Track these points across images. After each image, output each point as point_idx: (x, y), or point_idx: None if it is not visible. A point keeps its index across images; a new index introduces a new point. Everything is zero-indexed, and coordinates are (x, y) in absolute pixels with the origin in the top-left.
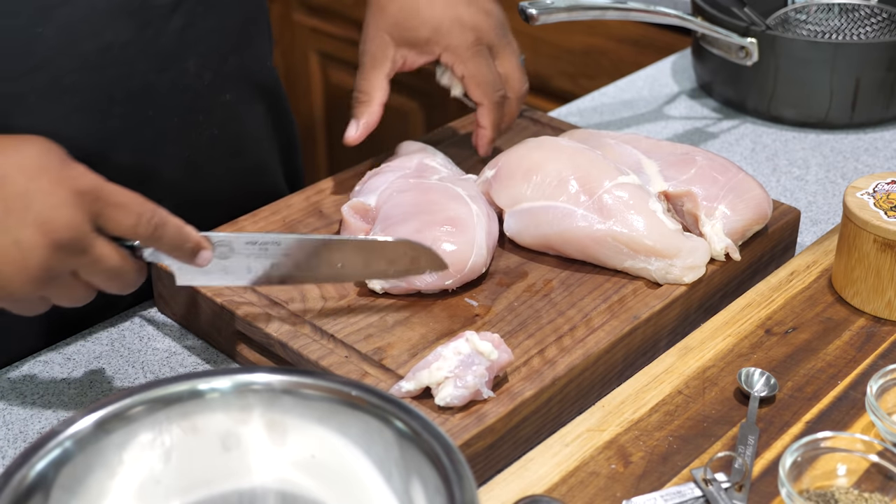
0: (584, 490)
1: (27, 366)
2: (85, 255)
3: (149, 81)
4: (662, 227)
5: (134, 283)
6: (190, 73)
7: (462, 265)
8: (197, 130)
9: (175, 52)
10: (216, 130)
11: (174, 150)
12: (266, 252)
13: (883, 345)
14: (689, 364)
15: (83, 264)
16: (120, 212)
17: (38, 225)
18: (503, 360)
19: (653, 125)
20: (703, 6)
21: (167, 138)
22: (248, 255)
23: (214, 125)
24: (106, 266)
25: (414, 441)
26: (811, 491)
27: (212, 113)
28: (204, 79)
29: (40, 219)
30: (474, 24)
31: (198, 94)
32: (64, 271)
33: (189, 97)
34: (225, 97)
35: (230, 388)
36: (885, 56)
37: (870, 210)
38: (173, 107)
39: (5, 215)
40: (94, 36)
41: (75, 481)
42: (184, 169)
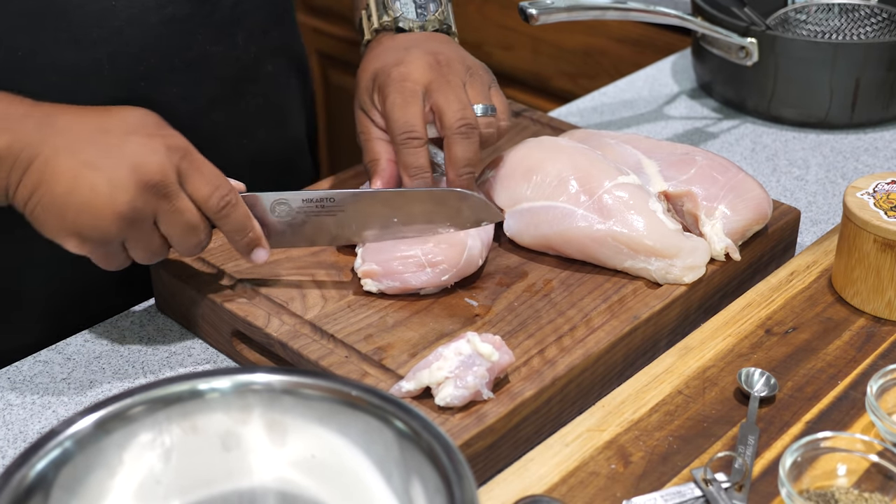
0: (584, 490)
1: (27, 366)
2: (168, 202)
3: (205, 52)
4: (662, 227)
5: (204, 245)
6: (239, 45)
7: (457, 259)
8: (245, 99)
9: (227, 25)
10: (261, 99)
11: (225, 116)
12: (323, 209)
13: (883, 345)
14: (689, 364)
15: (165, 211)
16: (201, 177)
17: (132, 167)
18: (504, 362)
19: (653, 125)
20: (703, 6)
21: (219, 105)
22: (308, 213)
23: (259, 94)
24: (185, 219)
25: (414, 441)
26: (811, 491)
27: (257, 82)
28: (250, 51)
29: (134, 163)
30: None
31: (245, 64)
32: (148, 215)
33: (238, 67)
34: (268, 68)
35: (230, 388)
36: (885, 56)
37: (870, 210)
38: (225, 76)
39: (104, 157)
40: (159, 9)
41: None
42: (235, 135)
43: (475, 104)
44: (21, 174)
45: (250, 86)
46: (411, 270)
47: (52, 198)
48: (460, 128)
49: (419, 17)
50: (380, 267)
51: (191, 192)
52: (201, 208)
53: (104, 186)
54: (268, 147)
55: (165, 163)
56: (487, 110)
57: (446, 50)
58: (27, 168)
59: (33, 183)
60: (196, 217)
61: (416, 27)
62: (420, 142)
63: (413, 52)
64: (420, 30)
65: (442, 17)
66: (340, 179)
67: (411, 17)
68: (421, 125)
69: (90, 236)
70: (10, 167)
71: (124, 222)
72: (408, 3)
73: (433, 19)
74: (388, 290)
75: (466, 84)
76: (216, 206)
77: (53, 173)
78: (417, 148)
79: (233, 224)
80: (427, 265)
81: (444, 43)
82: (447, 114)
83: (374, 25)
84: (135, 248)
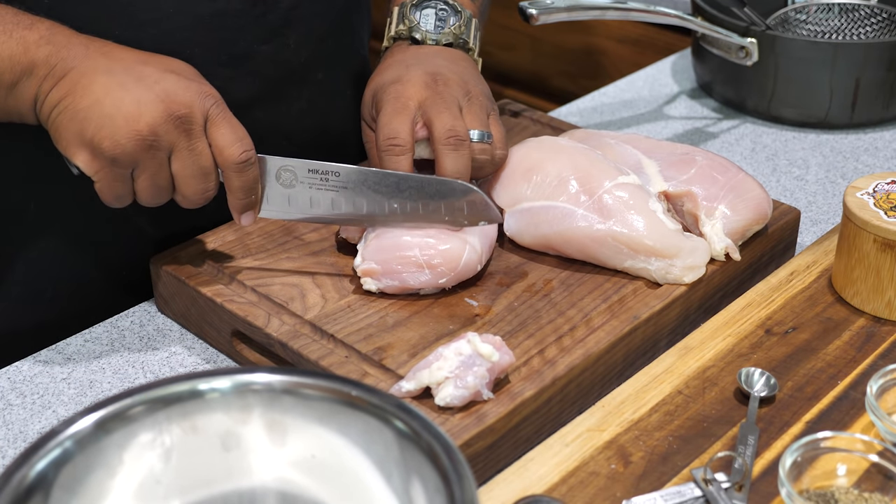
0: (584, 490)
1: (27, 366)
2: (188, 139)
3: (251, 50)
4: (662, 227)
5: (208, 196)
6: (289, 49)
7: (455, 263)
8: (287, 102)
9: (280, 27)
10: (304, 105)
11: (263, 116)
12: (326, 183)
13: (883, 345)
14: (689, 364)
15: (182, 147)
16: (228, 126)
17: (161, 95)
18: (504, 362)
19: (653, 125)
20: (703, 6)
21: (259, 104)
22: (311, 185)
23: (303, 100)
24: (199, 161)
25: (414, 441)
26: (811, 491)
27: (303, 88)
28: (300, 55)
29: (165, 92)
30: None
31: (293, 68)
32: (165, 145)
33: (285, 70)
34: (317, 76)
35: (230, 388)
36: (885, 56)
37: (870, 210)
38: (269, 76)
39: (136, 82)
40: (210, 1)
41: (75, 481)
42: (273, 135)
43: (471, 129)
44: (53, 83)
45: (294, 89)
46: (410, 270)
47: (76, 108)
48: (449, 139)
49: (436, 29)
50: (379, 266)
51: (214, 138)
52: (220, 157)
53: (130, 105)
54: (307, 149)
55: (196, 101)
56: (484, 136)
57: (449, 70)
58: (60, 79)
59: (62, 93)
60: (210, 163)
61: (429, 39)
62: (402, 149)
63: (414, 69)
64: (433, 42)
65: (458, 31)
66: None
67: (427, 28)
68: (406, 134)
69: (104, 151)
70: (43, 76)
71: (141, 144)
72: (429, 14)
73: (448, 32)
74: (387, 289)
75: (464, 108)
76: (236, 158)
77: (84, 87)
78: (398, 155)
79: (243, 181)
80: (426, 266)
81: (453, 61)
82: (436, 126)
83: (391, 33)
84: (142, 178)
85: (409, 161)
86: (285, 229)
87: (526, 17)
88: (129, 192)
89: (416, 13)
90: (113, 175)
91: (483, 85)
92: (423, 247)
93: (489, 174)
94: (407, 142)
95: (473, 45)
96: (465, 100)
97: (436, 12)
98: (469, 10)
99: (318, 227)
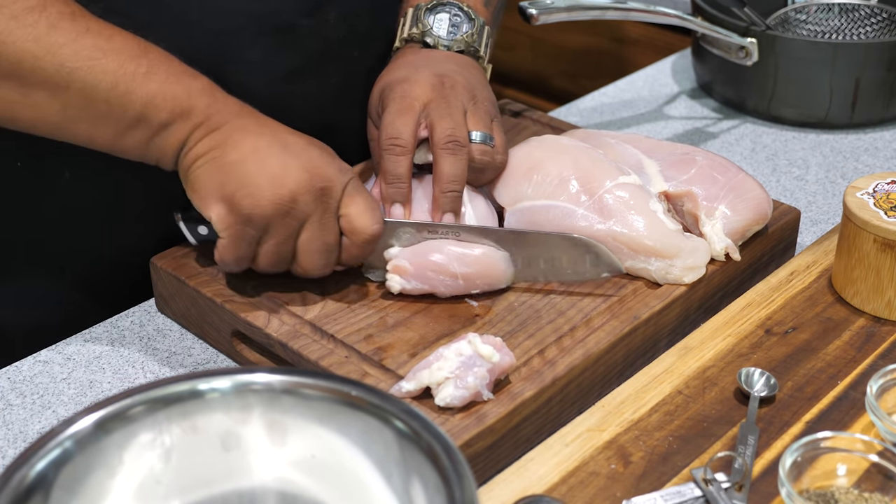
0: (584, 490)
1: (27, 366)
2: (322, 212)
3: (293, 22)
4: (663, 227)
5: (327, 271)
6: (329, 24)
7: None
8: (326, 76)
9: (322, 2)
10: (340, 81)
11: (300, 89)
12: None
13: (883, 345)
14: (689, 364)
15: (315, 220)
16: (364, 200)
17: (307, 165)
18: (505, 363)
19: (653, 125)
20: (703, 6)
21: (296, 76)
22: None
23: (339, 75)
24: (327, 236)
25: (414, 441)
26: (811, 491)
27: (339, 63)
28: (340, 31)
29: (310, 163)
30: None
31: (331, 43)
32: (300, 215)
33: (324, 45)
34: (353, 53)
35: (230, 388)
36: (885, 56)
37: (870, 210)
38: (308, 50)
39: (284, 150)
40: None
41: (75, 481)
42: (309, 109)
43: (473, 130)
44: (205, 133)
45: (332, 64)
46: (442, 278)
47: (222, 162)
48: (447, 144)
49: (449, 35)
50: (412, 267)
51: (349, 207)
52: (349, 225)
53: (276, 168)
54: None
55: (336, 176)
56: (486, 139)
57: (457, 74)
58: (213, 130)
59: (212, 144)
60: (336, 240)
61: (441, 45)
62: (402, 150)
63: (422, 71)
64: (445, 48)
65: (471, 39)
66: None
67: (440, 34)
68: (408, 135)
69: (242, 208)
70: (198, 123)
71: (280, 208)
72: (443, 19)
73: (460, 40)
74: (411, 290)
75: (468, 111)
76: (367, 229)
77: (235, 142)
78: (399, 156)
79: (362, 254)
80: (460, 277)
81: (462, 66)
82: (436, 129)
83: (404, 35)
84: (269, 244)
85: (408, 162)
86: None
87: (526, 17)
88: (251, 255)
89: (429, 17)
90: (242, 235)
91: (489, 93)
92: (461, 257)
93: (490, 179)
94: (408, 143)
95: (484, 53)
96: (471, 104)
97: (449, 18)
98: (483, 18)
99: None
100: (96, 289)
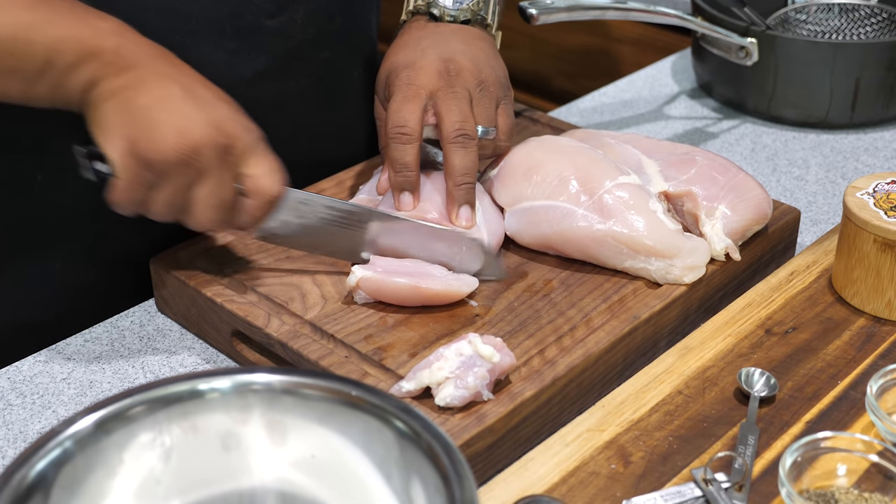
0: (584, 490)
1: (27, 366)
2: (221, 169)
3: (258, 23)
4: (663, 227)
5: (217, 229)
6: (296, 25)
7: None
8: (293, 79)
9: (287, 2)
10: (310, 83)
11: (267, 92)
12: (343, 220)
13: (883, 345)
14: (689, 364)
15: (214, 176)
16: (267, 161)
17: (214, 120)
18: (505, 364)
19: (653, 125)
20: (703, 6)
21: (263, 78)
22: (324, 219)
23: (309, 77)
24: (223, 193)
25: (414, 441)
26: (811, 491)
27: (308, 65)
28: (307, 32)
29: (218, 118)
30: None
31: (299, 44)
32: (200, 167)
33: (291, 46)
34: (323, 54)
35: (230, 388)
36: (885, 56)
37: (870, 210)
38: (275, 51)
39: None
40: None
41: (75, 481)
42: (278, 111)
43: (476, 125)
44: (114, 71)
45: (301, 66)
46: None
47: (130, 104)
48: (457, 138)
49: (454, 5)
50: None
51: (252, 168)
52: (252, 185)
53: (183, 119)
54: (313, 125)
55: (241, 134)
56: (488, 133)
57: (464, 55)
58: (124, 70)
59: (120, 86)
60: (232, 196)
61: (447, 15)
62: (409, 138)
63: (428, 55)
64: (451, 19)
65: (476, 7)
66: (340, 179)
67: (445, 4)
68: (415, 123)
69: (141, 152)
70: (107, 62)
71: (179, 159)
72: None
73: (466, 8)
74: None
75: (474, 99)
76: (269, 189)
77: (145, 87)
78: (405, 144)
79: (264, 213)
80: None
81: (468, 44)
82: (446, 122)
83: (410, 7)
84: (164, 192)
85: (415, 149)
86: None
87: (526, 17)
88: (145, 200)
89: None
90: (139, 178)
91: (498, 69)
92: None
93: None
94: (415, 131)
95: (491, 20)
96: (477, 90)
97: None
98: None
99: None
100: (96, 289)
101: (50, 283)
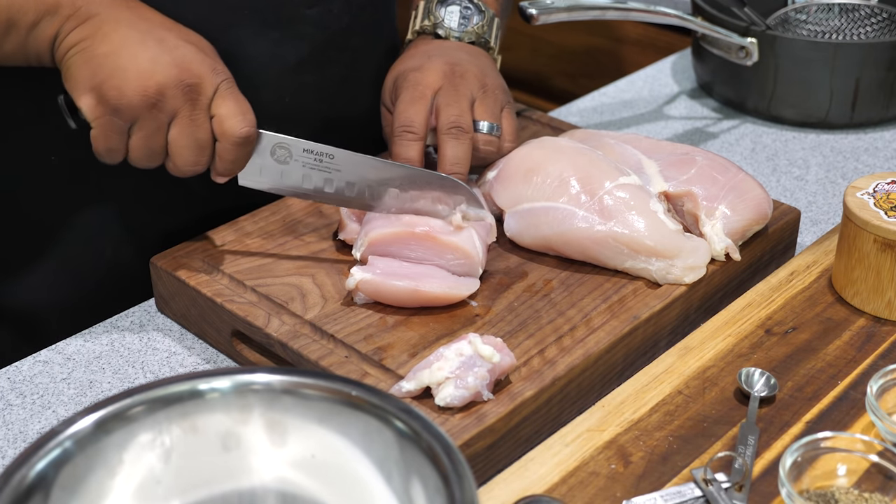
0: (584, 490)
1: (27, 366)
2: (192, 108)
3: (298, 13)
4: (663, 227)
5: (200, 169)
6: (332, 14)
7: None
8: (332, 67)
9: None
10: (345, 71)
11: (310, 79)
12: (320, 164)
13: (883, 345)
14: (689, 364)
15: (185, 116)
16: (234, 102)
17: (178, 60)
18: (505, 364)
19: (653, 125)
20: (703, 6)
21: (306, 68)
22: (304, 164)
23: (343, 65)
24: (197, 132)
25: (414, 441)
26: (811, 491)
27: (342, 52)
28: (342, 21)
29: (181, 59)
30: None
31: (335, 33)
32: (168, 108)
33: (328, 34)
34: (357, 43)
35: (230, 388)
36: (885, 56)
37: (870, 210)
38: (314, 40)
39: (155, 43)
40: None
41: (75, 481)
42: (316, 100)
43: (481, 121)
44: (74, 24)
45: (337, 54)
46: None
47: (92, 53)
48: (450, 129)
49: (460, 27)
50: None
51: (219, 109)
52: (220, 127)
53: (145, 62)
54: (342, 114)
55: (207, 74)
56: (493, 129)
57: (468, 62)
58: (83, 21)
59: (82, 35)
60: (207, 136)
61: (452, 36)
62: (415, 136)
63: (434, 59)
64: (456, 39)
65: (481, 30)
66: None
67: (451, 25)
68: (420, 122)
69: (109, 99)
70: (66, 16)
71: (145, 101)
72: (454, 11)
73: (471, 31)
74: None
75: (477, 100)
76: (237, 131)
77: (105, 34)
78: (411, 141)
79: (237, 155)
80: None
81: (473, 56)
82: (442, 115)
83: (416, 27)
84: (137, 136)
85: (420, 148)
86: (285, 229)
87: (526, 17)
88: (123, 147)
89: (441, 10)
90: (111, 125)
91: (500, 80)
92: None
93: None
94: (421, 130)
95: (494, 44)
96: (480, 92)
97: (460, 10)
98: (492, 10)
99: (317, 227)
100: (96, 289)
101: (50, 283)
